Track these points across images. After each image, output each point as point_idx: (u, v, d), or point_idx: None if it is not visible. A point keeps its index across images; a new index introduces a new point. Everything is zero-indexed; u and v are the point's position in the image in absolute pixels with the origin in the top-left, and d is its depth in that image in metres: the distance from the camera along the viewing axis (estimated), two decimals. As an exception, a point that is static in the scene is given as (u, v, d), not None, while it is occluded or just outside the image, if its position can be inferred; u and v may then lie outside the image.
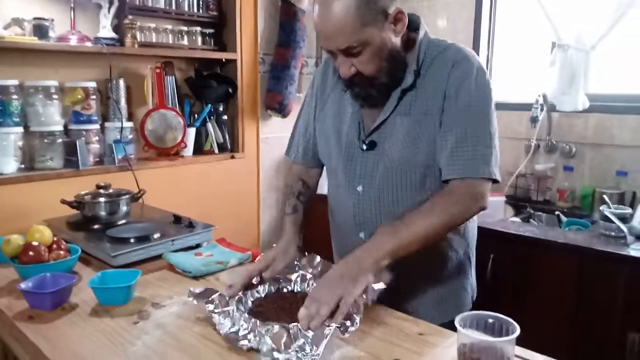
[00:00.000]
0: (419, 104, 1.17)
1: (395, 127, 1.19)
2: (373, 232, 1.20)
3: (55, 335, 1.03)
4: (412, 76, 1.17)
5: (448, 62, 1.15)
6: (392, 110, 1.19)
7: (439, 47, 1.18)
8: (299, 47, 2.62)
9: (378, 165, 1.22)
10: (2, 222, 1.75)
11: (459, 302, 1.33)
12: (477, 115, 1.13)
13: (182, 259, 1.41)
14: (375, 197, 1.23)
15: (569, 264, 1.89)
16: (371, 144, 1.22)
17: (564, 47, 2.40)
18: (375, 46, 1.09)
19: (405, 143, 1.18)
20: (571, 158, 2.46)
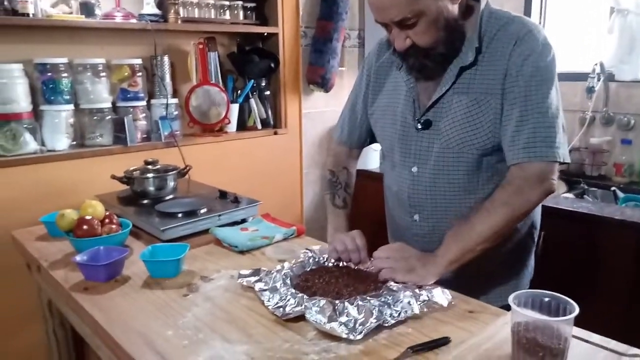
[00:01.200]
0: (478, 82, 1.11)
1: (452, 106, 1.14)
2: (427, 214, 1.22)
3: (109, 306, 1.06)
4: (472, 52, 1.10)
5: (511, 38, 1.08)
6: (449, 87, 1.14)
7: (500, 21, 1.11)
8: (341, 19, 2.56)
9: (433, 146, 1.18)
10: (56, 197, 1.82)
11: (519, 282, 1.29)
12: (539, 94, 1.06)
13: (229, 234, 1.42)
14: (430, 179, 1.19)
15: (626, 241, 1.80)
16: (426, 122, 1.18)
17: (623, 12, 2.26)
18: (431, 16, 1.04)
19: (462, 123, 1.12)
20: (629, 131, 2.33)
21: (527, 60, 1.06)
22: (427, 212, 1.22)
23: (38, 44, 1.91)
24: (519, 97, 1.07)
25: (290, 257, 1.31)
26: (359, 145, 1.41)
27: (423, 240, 1.25)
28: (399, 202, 1.29)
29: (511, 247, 1.26)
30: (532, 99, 1.06)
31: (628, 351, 0.85)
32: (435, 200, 1.20)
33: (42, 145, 1.88)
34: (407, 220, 1.27)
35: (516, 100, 1.07)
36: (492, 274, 1.26)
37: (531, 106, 1.06)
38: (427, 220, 1.23)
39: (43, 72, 1.87)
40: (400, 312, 0.95)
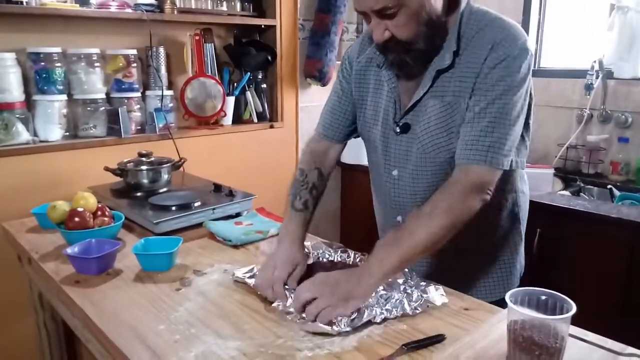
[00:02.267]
0: (452, 86, 1.08)
1: (428, 110, 1.11)
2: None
3: (101, 299, 1.05)
4: (450, 56, 1.07)
5: (488, 42, 1.04)
6: (426, 91, 1.11)
7: (480, 22, 1.06)
8: (339, 12, 2.54)
9: (411, 150, 1.15)
10: (48, 188, 1.80)
11: (507, 280, 1.28)
12: (503, 99, 1.03)
13: (223, 228, 1.41)
14: (410, 183, 1.18)
15: (622, 240, 1.80)
16: (405, 126, 1.15)
17: (623, 9, 2.25)
18: (412, 8, 0.99)
19: (437, 128, 1.10)
20: (627, 128, 2.32)
21: (500, 64, 1.03)
22: (409, 213, 1.17)
23: (31, 33, 1.88)
24: (484, 97, 1.04)
25: (284, 251, 1.30)
26: (341, 139, 1.31)
27: None
28: (384, 203, 1.28)
29: (495, 242, 1.24)
30: (494, 101, 1.03)
31: (624, 350, 0.85)
32: (417, 203, 1.16)
33: (35, 136, 1.85)
34: (391, 221, 1.26)
35: (480, 100, 1.04)
36: (475, 270, 1.25)
37: (491, 107, 1.03)
38: None
39: (36, 62, 1.84)
40: (391, 311, 0.94)
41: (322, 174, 1.28)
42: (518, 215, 1.27)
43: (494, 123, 1.02)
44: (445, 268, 1.19)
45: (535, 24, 2.64)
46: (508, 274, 1.28)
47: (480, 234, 1.17)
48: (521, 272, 1.32)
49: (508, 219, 1.24)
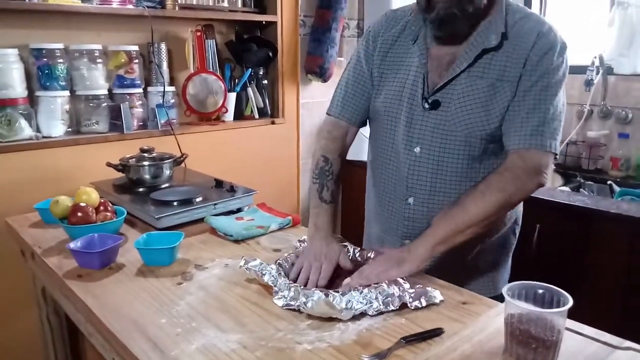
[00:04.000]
0: (495, 68, 1.10)
1: (465, 89, 1.11)
2: (423, 198, 1.19)
3: (103, 293, 1.06)
4: (497, 36, 1.09)
5: (533, 31, 1.08)
6: (464, 69, 1.11)
7: (519, 12, 1.12)
8: (340, 8, 2.54)
9: (440, 128, 1.14)
10: (51, 183, 1.81)
11: (496, 277, 1.29)
12: (551, 90, 1.07)
13: (224, 223, 1.42)
14: (432, 162, 1.16)
15: (621, 235, 1.80)
16: (435, 103, 1.14)
17: (623, 5, 2.25)
18: None
19: (473, 108, 1.10)
20: (627, 124, 2.32)
21: (547, 55, 1.07)
22: (423, 195, 1.19)
23: (34, 29, 1.89)
24: (534, 87, 1.07)
25: (285, 247, 1.31)
26: (360, 123, 1.30)
27: (414, 225, 1.22)
28: (394, 184, 1.24)
29: (495, 240, 1.26)
30: (545, 92, 1.07)
31: (622, 344, 0.86)
32: (434, 184, 1.17)
33: (38, 132, 1.87)
34: (399, 204, 1.23)
35: (531, 89, 1.07)
36: (473, 265, 1.25)
37: (544, 98, 1.07)
38: (421, 205, 1.20)
39: (39, 58, 1.85)
40: (389, 305, 0.96)
41: (342, 162, 1.28)
42: (515, 213, 1.28)
43: (548, 112, 1.07)
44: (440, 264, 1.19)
45: (536, 19, 2.64)
46: (496, 271, 1.29)
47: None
48: (509, 272, 1.33)
49: (511, 218, 1.26)
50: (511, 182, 1.06)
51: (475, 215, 1.04)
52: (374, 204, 1.35)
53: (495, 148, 1.15)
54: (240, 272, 1.11)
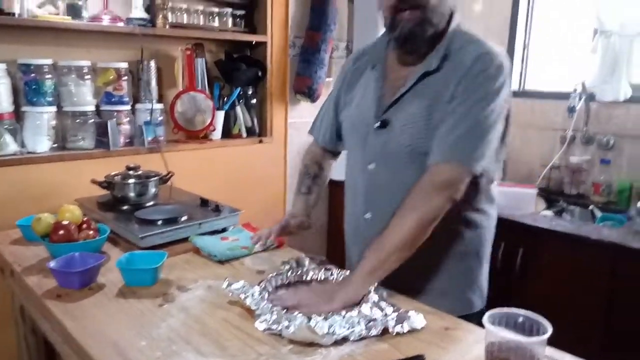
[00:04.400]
0: (435, 90, 1.15)
1: (410, 108, 1.18)
2: (380, 213, 1.23)
3: (82, 314, 1.05)
4: (437, 60, 1.16)
5: (472, 54, 1.13)
6: (409, 89, 1.18)
7: (466, 39, 1.17)
8: (329, 30, 2.57)
9: (388, 145, 1.20)
10: (34, 200, 1.79)
11: (464, 299, 1.28)
12: (479, 106, 1.10)
13: (208, 243, 1.41)
14: (385, 177, 1.22)
15: (603, 260, 1.82)
16: (384, 122, 1.21)
17: (606, 34, 2.30)
18: None
19: (414, 126, 1.16)
20: (609, 150, 2.37)
21: (479, 76, 1.11)
22: (380, 210, 1.23)
23: (22, 44, 1.88)
24: (461, 104, 1.11)
25: (269, 268, 1.31)
26: (332, 146, 1.45)
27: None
28: (355, 200, 1.31)
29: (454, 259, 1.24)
30: (471, 108, 1.10)
31: (599, 372, 0.86)
32: (389, 199, 1.19)
33: (22, 147, 1.85)
34: (360, 220, 1.28)
35: (458, 106, 1.11)
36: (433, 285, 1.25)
37: (467, 114, 1.09)
38: (379, 220, 1.20)
39: (26, 73, 1.84)
40: (371, 330, 0.96)
41: (322, 167, 1.48)
42: (480, 237, 1.28)
43: (467, 127, 1.09)
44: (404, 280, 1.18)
45: (521, 46, 2.70)
46: (467, 295, 1.28)
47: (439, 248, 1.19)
48: (483, 298, 1.32)
49: (469, 239, 1.26)
50: (420, 199, 1.08)
51: (396, 240, 1.06)
52: (345, 220, 1.41)
53: None
54: (223, 293, 1.10)
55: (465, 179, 1.10)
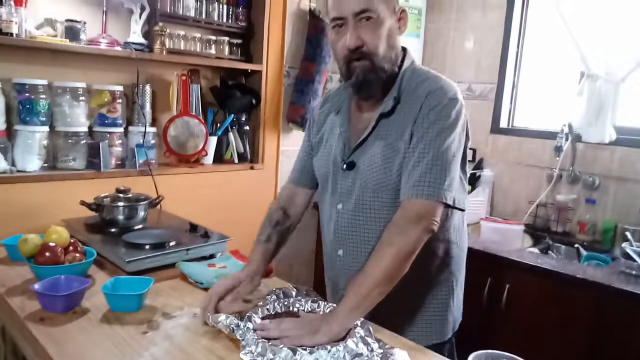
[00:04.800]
0: (394, 130, 1.21)
1: (372, 150, 1.23)
2: (350, 249, 1.28)
3: (65, 339, 1.03)
4: (392, 102, 1.21)
5: (424, 92, 1.19)
6: (370, 132, 1.23)
7: (420, 77, 1.22)
8: (324, 62, 2.62)
9: (355, 185, 1.25)
10: (21, 219, 1.77)
11: (437, 330, 1.31)
12: (438, 140, 1.14)
13: (195, 269, 1.41)
14: (352, 215, 1.27)
15: (587, 299, 1.84)
16: (350, 164, 1.26)
17: (593, 77, 2.36)
18: (385, 27, 1.16)
19: (379, 166, 1.21)
20: (594, 190, 2.41)
21: (433, 110, 1.16)
22: (349, 247, 1.29)
23: (19, 64, 1.90)
24: (420, 140, 1.15)
25: (256, 297, 1.30)
26: (307, 186, 1.45)
27: (347, 275, 1.28)
28: (328, 238, 1.37)
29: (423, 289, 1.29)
30: (430, 143, 1.14)
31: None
32: (357, 236, 1.27)
33: (12, 165, 1.85)
34: (334, 256, 1.34)
35: (418, 143, 1.16)
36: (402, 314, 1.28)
37: (428, 149, 1.14)
38: (350, 256, 1.29)
39: (21, 92, 1.85)
40: None
41: (286, 213, 1.42)
42: (450, 266, 1.31)
43: (431, 162, 1.13)
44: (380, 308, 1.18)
45: (510, 85, 2.76)
46: (437, 324, 1.31)
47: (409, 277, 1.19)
48: (455, 325, 1.35)
49: (438, 268, 1.30)
50: (396, 234, 1.11)
51: (376, 276, 1.07)
52: (324, 254, 1.45)
53: None
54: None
55: (437, 210, 1.13)
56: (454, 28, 2.94)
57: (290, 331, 1.04)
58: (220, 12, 2.40)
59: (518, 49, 2.76)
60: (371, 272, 1.08)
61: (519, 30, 2.74)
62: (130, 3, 2.10)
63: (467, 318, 1.41)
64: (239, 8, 2.46)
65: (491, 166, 2.77)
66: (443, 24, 2.98)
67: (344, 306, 1.07)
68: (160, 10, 2.16)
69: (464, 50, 2.89)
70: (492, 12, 2.76)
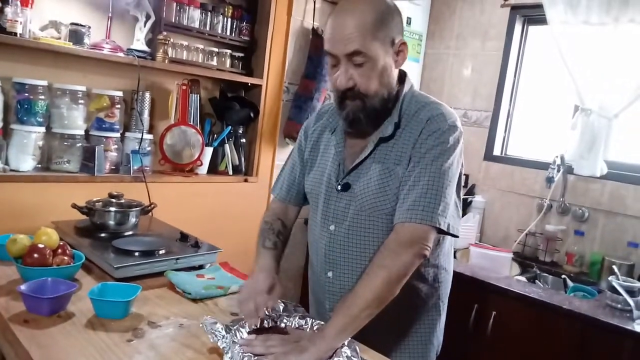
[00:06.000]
0: (393, 154, 1.21)
1: (369, 173, 1.23)
2: (340, 272, 1.28)
3: (48, 343, 1.02)
4: (392, 127, 1.22)
5: (424, 117, 1.20)
6: (368, 155, 1.23)
7: (420, 103, 1.23)
8: (324, 80, 2.64)
9: (350, 207, 1.25)
10: (12, 219, 1.76)
11: (420, 352, 1.32)
12: (435, 164, 1.15)
13: (184, 279, 1.40)
14: (344, 237, 1.26)
15: (573, 330, 1.85)
16: (345, 185, 1.26)
17: (587, 112, 2.40)
18: (378, 66, 1.15)
19: (375, 189, 1.21)
20: (583, 222, 2.43)
21: (432, 135, 1.18)
22: (340, 269, 1.28)
23: (20, 63, 1.90)
24: (417, 164, 1.17)
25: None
26: (296, 203, 1.46)
27: (334, 298, 1.29)
28: (317, 259, 1.35)
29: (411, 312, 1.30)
30: (426, 167, 1.16)
31: None
32: (349, 259, 1.26)
33: (6, 165, 1.84)
34: (322, 277, 1.33)
35: (414, 167, 1.17)
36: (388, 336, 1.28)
37: (424, 173, 1.15)
38: (340, 278, 1.29)
39: (20, 92, 1.85)
40: None
41: (285, 225, 1.43)
42: (438, 291, 1.33)
43: (426, 186, 1.14)
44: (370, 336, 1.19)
45: (505, 114, 2.80)
46: (422, 347, 1.32)
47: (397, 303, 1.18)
48: (438, 349, 1.37)
49: (427, 293, 1.31)
50: (388, 257, 1.11)
51: (366, 297, 1.07)
52: (309, 274, 1.45)
53: None
54: (193, 334, 1.09)
55: (430, 235, 1.14)
56: (453, 55, 2.99)
57: (277, 348, 1.04)
58: (224, 26, 2.43)
59: (515, 79, 2.80)
60: (362, 293, 1.08)
61: (517, 61, 2.79)
62: (136, 11, 2.12)
63: (453, 343, 1.42)
64: (243, 22, 2.48)
65: (483, 192, 2.80)
66: (443, 50, 3.03)
67: (332, 327, 1.06)
68: (165, 19, 2.19)
69: (462, 77, 2.94)
70: (491, 42, 2.81)
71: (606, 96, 2.34)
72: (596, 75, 2.34)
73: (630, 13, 2.25)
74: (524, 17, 2.75)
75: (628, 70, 2.26)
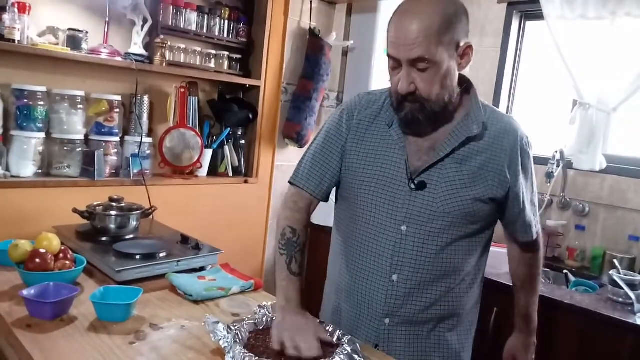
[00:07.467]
0: (479, 156, 1.19)
1: (451, 172, 1.19)
2: (408, 275, 1.21)
3: (51, 347, 1.03)
4: (478, 126, 1.19)
5: (515, 131, 1.24)
6: (448, 154, 1.18)
7: (500, 114, 1.27)
8: (322, 80, 2.65)
9: (427, 207, 1.19)
10: (13, 224, 1.77)
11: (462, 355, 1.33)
12: (534, 188, 1.32)
13: (185, 281, 1.41)
14: (419, 239, 1.19)
15: (574, 325, 1.85)
16: (421, 184, 1.19)
17: (585, 106, 2.40)
18: (441, 71, 1.11)
19: (459, 190, 1.18)
20: (584, 217, 2.43)
21: (529, 158, 1.26)
22: (407, 272, 1.20)
23: (19, 70, 1.91)
24: (527, 189, 1.28)
25: (244, 312, 1.30)
26: (323, 198, 1.30)
27: (395, 302, 1.22)
28: (374, 262, 1.23)
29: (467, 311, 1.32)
30: (533, 192, 1.31)
31: None
32: (419, 261, 1.20)
33: (7, 170, 1.85)
34: (382, 282, 1.22)
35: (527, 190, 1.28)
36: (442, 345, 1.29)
37: (534, 197, 1.32)
38: (405, 282, 1.21)
39: (19, 98, 1.86)
40: None
41: (308, 234, 1.29)
42: (477, 297, 1.37)
43: (535, 207, 1.34)
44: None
45: (504, 110, 2.80)
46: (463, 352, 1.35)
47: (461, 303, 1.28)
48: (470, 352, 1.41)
49: (478, 291, 1.36)
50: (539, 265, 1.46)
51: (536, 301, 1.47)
52: (347, 282, 1.31)
53: (475, 228, 1.22)
54: (195, 335, 1.10)
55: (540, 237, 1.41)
56: (450, 52, 2.98)
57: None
58: (221, 28, 2.43)
59: (513, 75, 2.80)
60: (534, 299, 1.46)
61: (514, 56, 2.79)
62: (133, 15, 2.13)
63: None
64: (240, 24, 2.49)
65: (483, 189, 2.79)
66: (440, 47, 3.03)
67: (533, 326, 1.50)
68: (162, 23, 2.19)
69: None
70: (488, 38, 2.81)
71: (604, 90, 2.33)
72: (594, 69, 2.34)
73: (626, 6, 2.25)
74: (521, 12, 2.75)
75: (625, 63, 2.26)
